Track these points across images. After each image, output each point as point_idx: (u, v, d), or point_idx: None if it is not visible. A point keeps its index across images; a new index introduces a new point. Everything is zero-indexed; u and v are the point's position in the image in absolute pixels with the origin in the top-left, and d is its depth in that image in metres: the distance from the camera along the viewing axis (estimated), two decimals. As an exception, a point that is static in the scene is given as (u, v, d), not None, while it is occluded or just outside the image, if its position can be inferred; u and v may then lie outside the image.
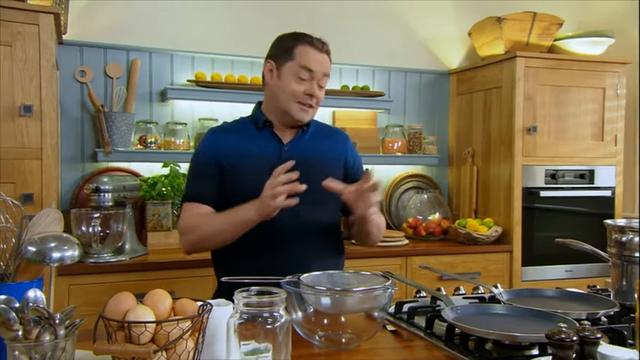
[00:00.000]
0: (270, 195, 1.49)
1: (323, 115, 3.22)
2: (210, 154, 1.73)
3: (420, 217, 3.19)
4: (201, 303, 0.99)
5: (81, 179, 2.76)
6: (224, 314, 1.00)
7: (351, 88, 3.19)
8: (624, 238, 1.41)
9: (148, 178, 2.71)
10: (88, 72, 2.77)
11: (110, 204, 2.42)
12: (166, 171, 2.73)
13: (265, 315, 0.97)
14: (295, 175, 1.50)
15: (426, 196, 3.28)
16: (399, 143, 3.26)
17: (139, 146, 2.81)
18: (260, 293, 1.01)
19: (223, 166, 1.70)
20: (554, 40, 3.15)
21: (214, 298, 1.70)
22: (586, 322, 1.08)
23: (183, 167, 2.77)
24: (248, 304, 0.97)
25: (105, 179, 2.43)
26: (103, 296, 2.29)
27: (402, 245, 2.90)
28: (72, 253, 0.94)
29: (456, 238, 3.04)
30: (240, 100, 2.89)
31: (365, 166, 1.67)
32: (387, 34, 3.35)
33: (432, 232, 3.11)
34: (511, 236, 3.00)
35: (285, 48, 1.73)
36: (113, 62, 2.82)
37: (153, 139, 2.81)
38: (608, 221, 1.48)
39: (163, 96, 2.89)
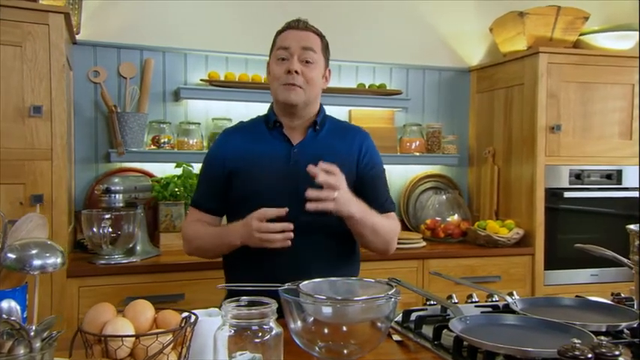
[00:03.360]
0: (258, 238, 1.49)
1: (339, 114, 3.12)
2: (217, 159, 1.72)
3: (439, 219, 3.10)
4: (186, 314, 0.94)
5: (94, 180, 2.75)
6: (213, 325, 0.95)
7: (367, 87, 3.13)
8: (647, 246, 1.32)
9: (161, 179, 2.68)
10: (102, 72, 2.76)
11: (121, 205, 2.40)
12: (179, 171, 2.71)
13: (254, 327, 0.92)
14: (288, 227, 1.49)
15: (444, 196, 3.19)
16: (417, 142, 3.18)
17: (152, 146, 2.79)
18: (250, 304, 0.96)
19: (231, 170, 1.68)
20: (580, 35, 3.03)
21: None
22: (603, 338, 1.00)
23: (197, 167, 2.74)
24: (236, 315, 0.92)
25: (116, 180, 2.41)
26: (113, 298, 2.27)
27: (419, 247, 2.83)
28: (54, 260, 0.90)
29: (475, 241, 2.95)
30: (254, 100, 2.85)
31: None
32: (405, 30, 3.27)
33: (451, 233, 3.03)
34: (533, 238, 2.90)
35: (272, 42, 1.73)
36: (127, 62, 2.80)
37: (166, 140, 2.79)
38: (631, 226, 1.39)
39: (177, 96, 2.86)
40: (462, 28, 3.36)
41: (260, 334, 0.92)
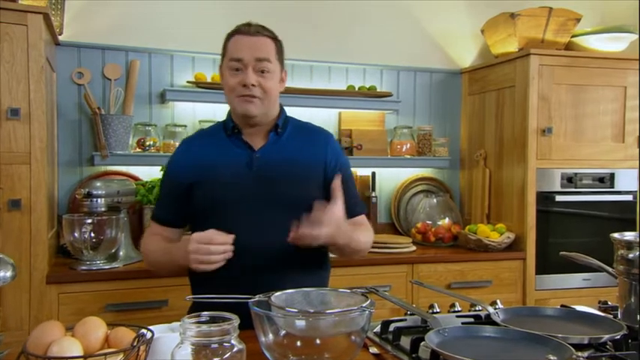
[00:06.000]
0: (194, 259, 1.40)
1: (328, 116, 3.12)
2: (176, 170, 1.66)
3: (430, 222, 3.06)
4: (142, 331, 0.90)
5: (78, 183, 2.70)
6: (171, 343, 0.91)
7: (357, 89, 3.08)
8: (631, 255, 1.28)
9: (146, 182, 2.64)
10: (86, 73, 2.71)
11: (103, 209, 2.35)
12: (164, 175, 2.66)
13: (214, 346, 0.88)
14: (229, 253, 1.41)
15: (435, 200, 3.15)
16: (408, 145, 3.14)
17: (137, 149, 2.75)
18: (212, 319, 0.92)
19: (191, 181, 1.61)
20: (572, 37, 2.99)
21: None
22: (580, 354, 0.96)
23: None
24: (194, 333, 0.87)
25: (98, 184, 2.37)
26: (94, 305, 2.23)
27: (409, 252, 2.78)
28: (3, 274, 0.86)
29: (466, 245, 2.91)
30: (241, 102, 2.80)
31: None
32: (396, 31, 3.22)
33: (442, 237, 2.98)
34: (525, 242, 2.86)
35: (223, 46, 1.64)
36: (111, 63, 2.76)
37: (151, 142, 2.74)
38: (615, 235, 1.35)
39: (163, 98, 2.82)
40: (454, 30, 3.32)
41: (220, 351, 0.88)
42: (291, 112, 2.97)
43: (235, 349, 0.90)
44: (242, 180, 1.57)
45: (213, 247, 1.39)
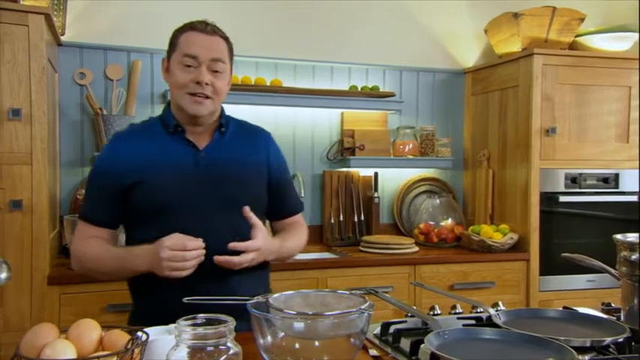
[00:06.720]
0: (168, 267, 1.35)
1: (331, 116, 3.12)
2: (111, 169, 1.53)
3: (433, 223, 3.05)
4: (138, 334, 0.89)
5: (80, 184, 2.70)
6: (166, 345, 0.90)
7: (360, 89, 3.07)
8: (633, 257, 1.26)
9: (148, 183, 2.64)
10: (88, 74, 2.71)
11: (105, 210, 2.34)
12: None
13: (210, 349, 0.87)
14: (201, 258, 1.38)
15: (438, 200, 3.13)
16: (411, 145, 3.13)
17: (139, 150, 2.74)
18: (208, 322, 0.91)
19: (130, 182, 1.50)
20: (576, 36, 2.98)
21: (130, 321, 1.56)
22: (580, 357, 0.95)
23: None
24: (190, 335, 0.86)
25: (99, 184, 2.36)
26: (95, 306, 2.23)
27: (412, 253, 2.77)
28: (-2, 275, 0.86)
29: (469, 246, 2.89)
30: (243, 102, 2.80)
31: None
32: (399, 31, 3.21)
33: (445, 238, 2.97)
34: (528, 243, 2.84)
35: (171, 41, 1.59)
36: (113, 64, 2.76)
37: (153, 143, 2.74)
38: (618, 236, 1.33)
39: (165, 98, 2.81)
40: (457, 30, 3.30)
41: (216, 354, 0.87)
42: (293, 112, 3.03)
43: (231, 351, 0.89)
44: (188, 180, 1.52)
45: (188, 253, 1.35)
